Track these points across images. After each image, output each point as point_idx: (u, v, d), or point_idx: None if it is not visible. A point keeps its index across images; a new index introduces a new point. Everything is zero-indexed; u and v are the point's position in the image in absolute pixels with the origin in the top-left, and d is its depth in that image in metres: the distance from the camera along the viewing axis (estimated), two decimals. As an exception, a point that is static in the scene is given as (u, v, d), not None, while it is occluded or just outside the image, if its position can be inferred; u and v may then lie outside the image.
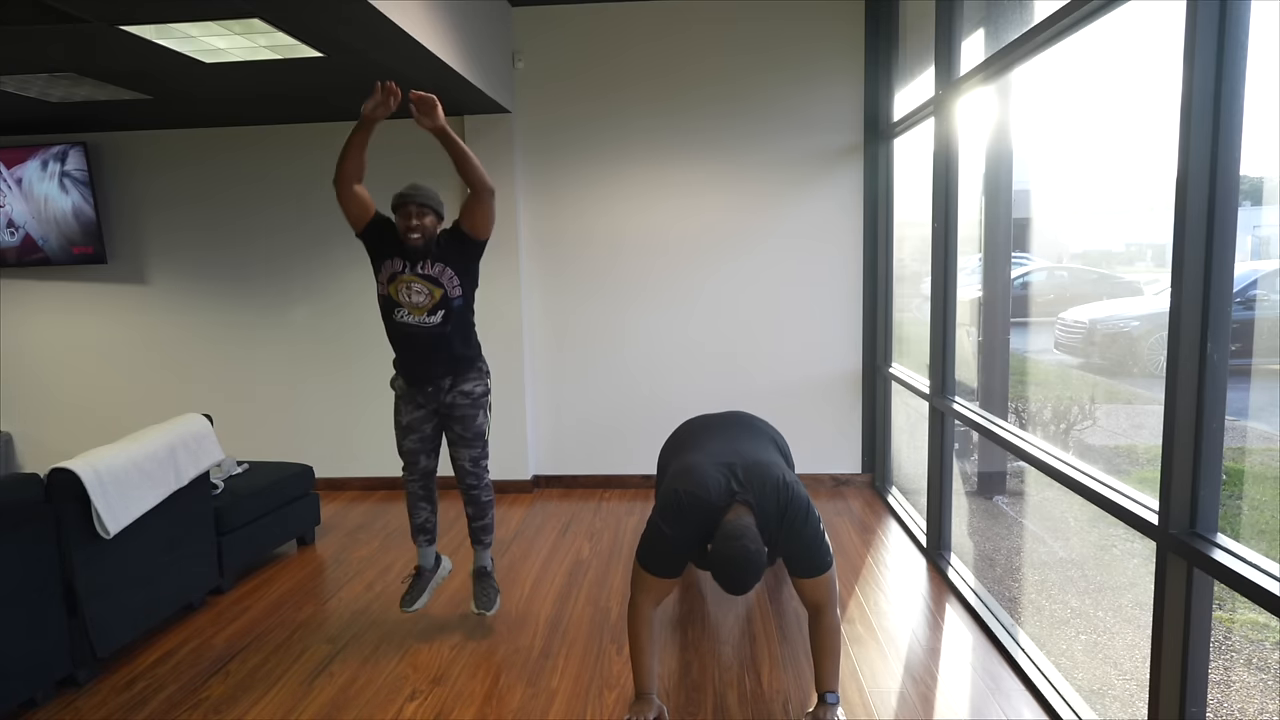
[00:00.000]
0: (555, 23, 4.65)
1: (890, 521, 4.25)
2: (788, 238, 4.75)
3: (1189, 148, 1.77)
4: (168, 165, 5.02)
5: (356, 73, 3.76)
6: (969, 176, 3.61)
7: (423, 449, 3.02)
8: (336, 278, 5.01)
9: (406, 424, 2.99)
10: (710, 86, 4.64)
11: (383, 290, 2.86)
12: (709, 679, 2.73)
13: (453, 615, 3.27)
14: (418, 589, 3.09)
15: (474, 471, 3.02)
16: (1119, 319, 5.63)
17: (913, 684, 2.67)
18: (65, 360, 5.27)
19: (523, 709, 2.59)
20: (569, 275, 4.89)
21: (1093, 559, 3.91)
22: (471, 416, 2.95)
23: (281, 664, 2.93)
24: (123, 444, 3.05)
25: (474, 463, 3.01)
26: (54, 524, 2.71)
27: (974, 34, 3.40)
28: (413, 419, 2.98)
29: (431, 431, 3.01)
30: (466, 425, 2.96)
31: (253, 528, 3.71)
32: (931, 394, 3.60)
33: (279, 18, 2.84)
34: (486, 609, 3.06)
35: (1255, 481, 3.81)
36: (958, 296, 3.52)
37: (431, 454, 3.05)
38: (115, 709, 2.66)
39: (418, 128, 2.77)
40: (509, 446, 4.93)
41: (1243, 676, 2.85)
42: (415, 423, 2.99)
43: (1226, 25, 1.72)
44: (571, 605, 3.35)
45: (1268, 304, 3.90)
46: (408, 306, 2.84)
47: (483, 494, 3.07)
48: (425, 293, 2.83)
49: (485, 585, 3.12)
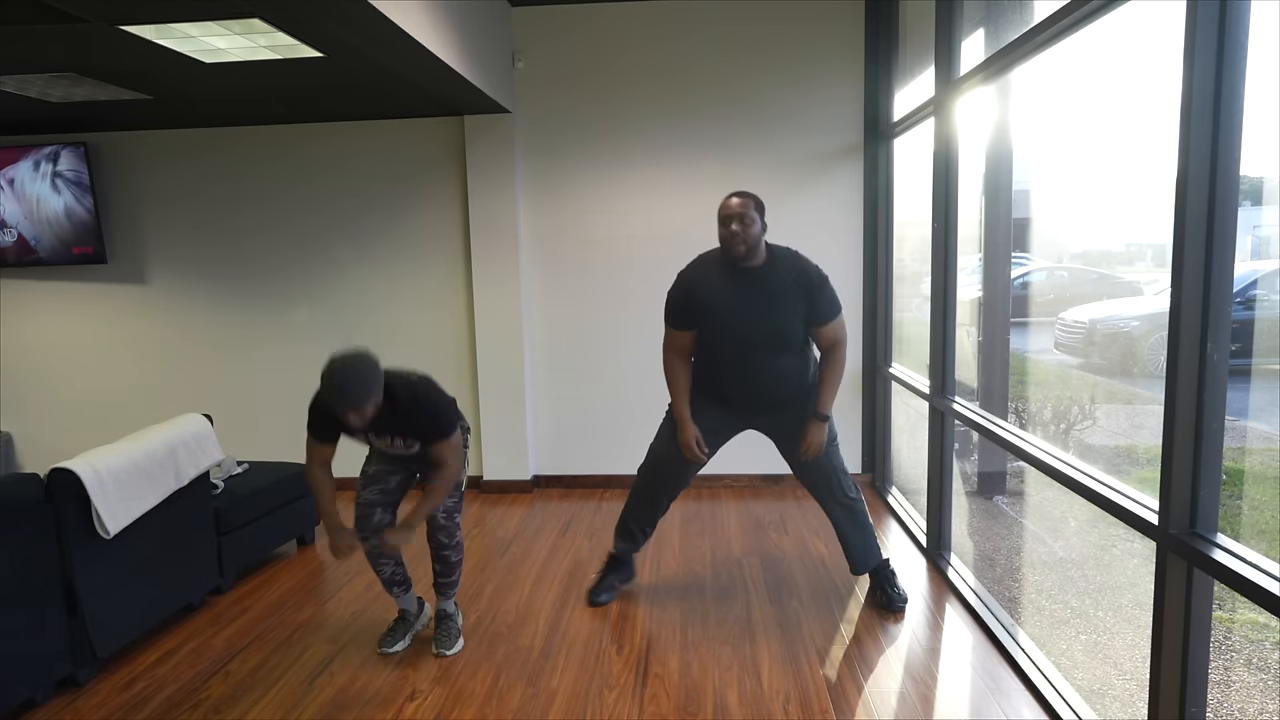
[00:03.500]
0: (555, 23, 4.65)
1: (890, 521, 4.25)
2: (787, 237, 4.69)
3: (1189, 148, 1.77)
4: (168, 165, 5.02)
5: (357, 73, 3.76)
6: (969, 176, 3.61)
7: (382, 502, 2.84)
8: (337, 277, 5.02)
9: (371, 474, 2.84)
10: (710, 86, 4.64)
11: None
12: (709, 679, 2.74)
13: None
14: (400, 632, 2.98)
15: (446, 526, 2.86)
16: (1119, 319, 5.63)
17: (913, 684, 2.67)
18: (65, 360, 5.27)
19: (523, 709, 2.59)
20: (569, 275, 4.89)
21: (1093, 559, 3.91)
22: None
23: (281, 664, 2.93)
24: (123, 444, 3.05)
25: (448, 514, 2.85)
26: (54, 524, 2.71)
27: (974, 34, 3.40)
28: (379, 470, 2.84)
29: (396, 485, 2.86)
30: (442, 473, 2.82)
31: (253, 528, 3.71)
32: (931, 394, 3.60)
33: (279, 18, 2.83)
34: (447, 649, 2.91)
35: (1255, 481, 3.81)
36: (958, 296, 3.52)
37: (389, 509, 2.87)
38: (115, 709, 2.66)
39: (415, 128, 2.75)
40: (509, 446, 4.93)
41: (1243, 676, 2.85)
42: (381, 474, 2.84)
43: (1226, 25, 1.71)
44: (571, 605, 3.35)
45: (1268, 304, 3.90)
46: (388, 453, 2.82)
47: (452, 554, 2.90)
48: (400, 448, 2.76)
49: (447, 626, 2.98)
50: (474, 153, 4.71)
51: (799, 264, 3.03)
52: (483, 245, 4.79)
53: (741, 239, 2.91)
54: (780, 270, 2.99)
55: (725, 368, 3.06)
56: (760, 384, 3.05)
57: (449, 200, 4.90)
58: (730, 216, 2.91)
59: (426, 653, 2.97)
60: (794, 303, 2.96)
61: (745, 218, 2.91)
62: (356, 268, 5.00)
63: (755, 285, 2.97)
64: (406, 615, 3.05)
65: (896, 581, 3.26)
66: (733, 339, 2.99)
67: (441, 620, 3.02)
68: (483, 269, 4.82)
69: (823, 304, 2.99)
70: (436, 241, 4.94)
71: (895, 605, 3.18)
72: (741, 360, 3.02)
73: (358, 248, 4.99)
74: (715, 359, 3.07)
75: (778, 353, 3.01)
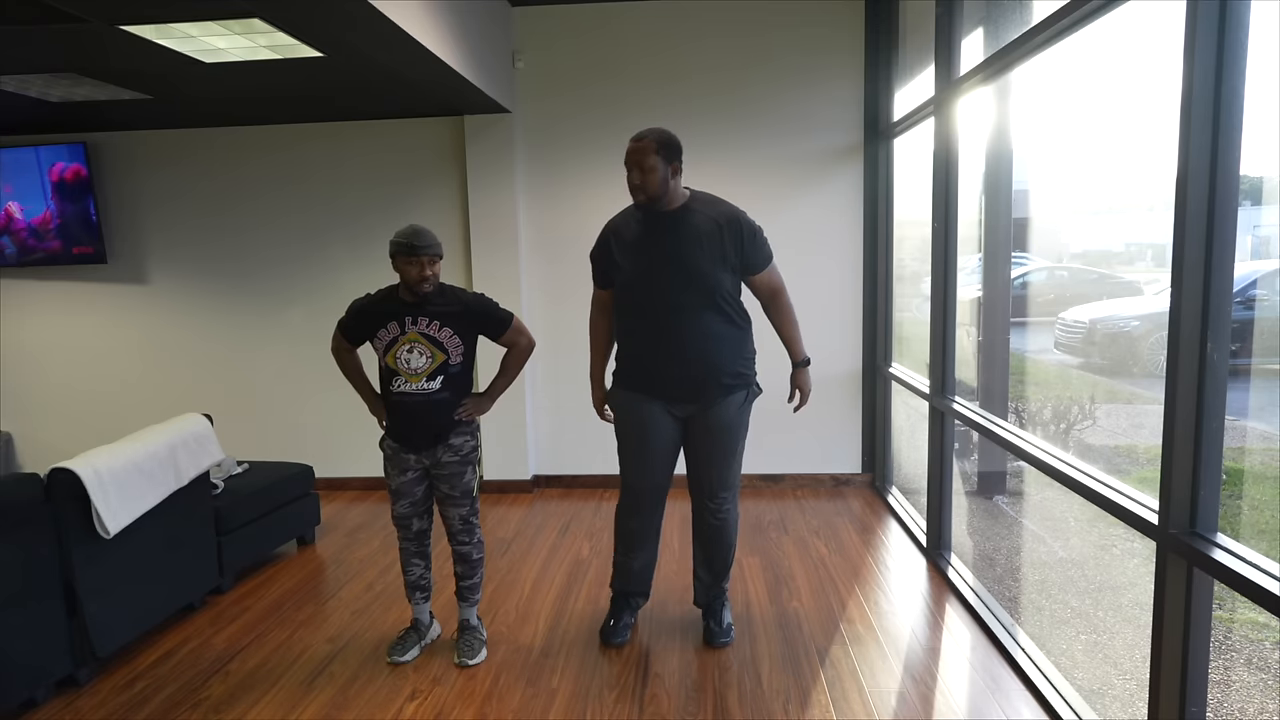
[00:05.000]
0: (555, 23, 4.65)
1: (890, 521, 4.25)
2: (787, 237, 4.73)
3: (1189, 148, 1.77)
4: (168, 165, 5.02)
5: (356, 73, 3.76)
6: (969, 176, 3.61)
7: (415, 512, 2.93)
8: (336, 277, 5.01)
9: (396, 488, 2.89)
10: (710, 86, 4.64)
11: (381, 362, 2.80)
12: (709, 679, 2.73)
13: (452, 615, 3.27)
14: (410, 642, 2.97)
15: (464, 529, 2.92)
16: (1119, 319, 5.63)
17: (913, 684, 2.67)
18: (65, 360, 5.27)
19: (523, 709, 2.59)
20: (569, 275, 4.88)
21: (1093, 559, 3.91)
22: (459, 474, 2.86)
23: (281, 664, 2.93)
24: (123, 444, 3.04)
25: (464, 521, 2.91)
26: (54, 524, 2.71)
27: (974, 34, 3.40)
28: (402, 483, 2.88)
29: (423, 495, 2.92)
30: (454, 484, 2.86)
31: (253, 528, 3.71)
32: (931, 394, 3.60)
33: (279, 18, 2.83)
34: (470, 658, 2.90)
35: (1255, 481, 3.81)
36: (958, 296, 3.52)
37: (424, 516, 2.96)
38: (115, 709, 2.66)
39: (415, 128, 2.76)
40: (509, 446, 4.93)
41: (1243, 676, 2.85)
42: (405, 487, 2.88)
43: (1226, 25, 1.72)
44: (571, 605, 3.35)
45: (1268, 304, 3.90)
46: (405, 374, 2.75)
47: (473, 551, 2.95)
48: (426, 355, 2.74)
49: (470, 637, 2.98)
50: (474, 153, 4.71)
51: (724, 207, 2.73)
52: (483, 245, 4.79)
53: (641, 189, 2.62)
54: (700, 210, 2.69)
55: (644, 332, 2.75)
56: (681, 348, 2.69)
57: (449, 200, 4.90)
58: (629, 166, 2.61)
59: (427, 653, 2.98)
60: (716, 246, 2.65)
61: (644, 165, 2.57)
62: (356, 267, 4.99)
63: (670, 229, 2.68)
64: (419, 625, 3.03)
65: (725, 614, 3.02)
66: (647, 292, 2.70)
67: (464, 630, 2.99)
68: (483, 268, 4.82)
69: (754, 251, 2.71)
70: (436, 241, 4.93)
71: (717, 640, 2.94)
72: (659, 319, 2.69)
73: (357, 247, 4.99)
74: (634, 328, 2.78)
75: (701, 309, 2.66)
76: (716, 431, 2.80)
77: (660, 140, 2.60)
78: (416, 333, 2.73)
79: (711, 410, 2.78)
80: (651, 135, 2.60)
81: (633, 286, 2.75)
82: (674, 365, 2.73)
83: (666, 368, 2.74)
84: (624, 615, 3.05)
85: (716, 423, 2.79)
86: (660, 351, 2.74)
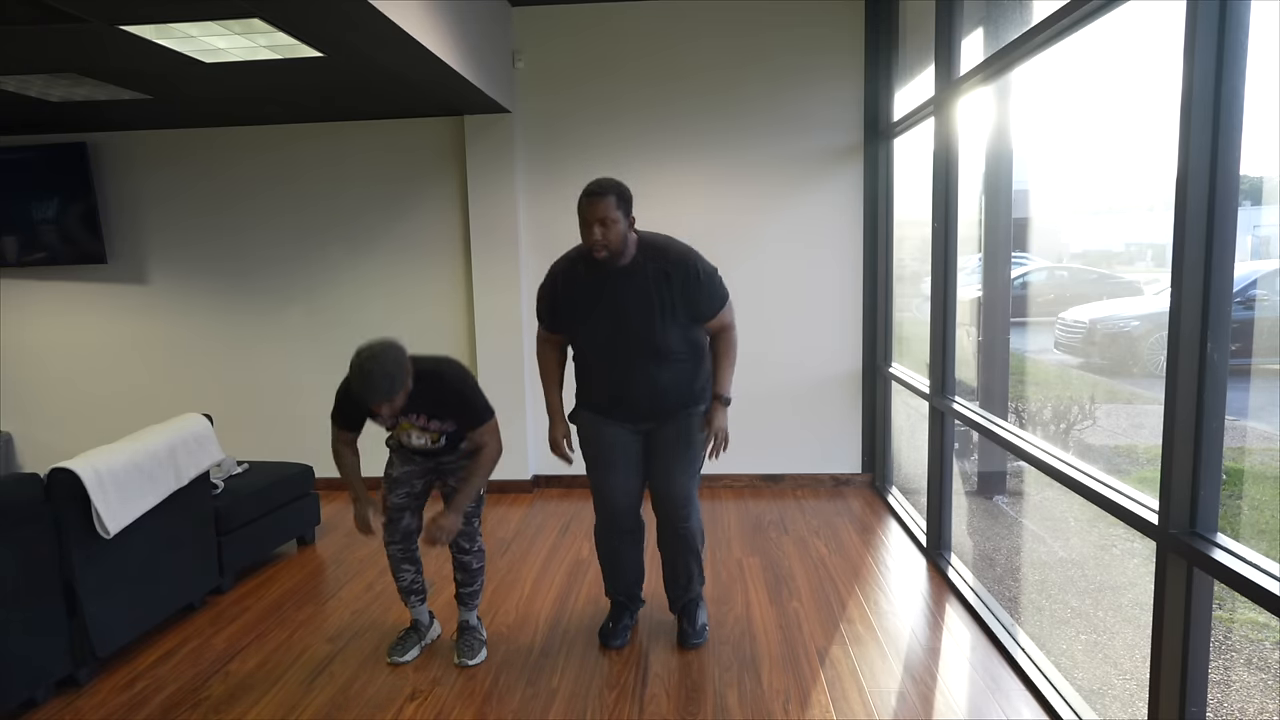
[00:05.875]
0: (555, 23, 4.65)
1: (890, 521, 4.25)
2: (787, 237, 4.75)
3: (1189, 148, 1.77)
4: (167, 165, 5.02)
5: (356, 73, 3.76)
6: (969, 176, 3.61)
7: (409, 505, 2.87)
8: (335, 276, 5.01)
9: (397, 477, 2.85)
10: (710, 85, 4.64)
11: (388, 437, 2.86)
12: (709, 679, 2.74)
13: (452, 615, 3.27)
14: (410, 642, 2.96)
15: (466, 531, 2.85)
16: (1119, 319, 5.63)
17: (913, 684, 2.67)
18: (65, 360, 5.27)
19: (523, 709, 2.59)
20: (569, 275, 4.88)
21: (1093, 559, 3.91)
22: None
23: (281, 664, 2.93)
24: (123, 444, 3.05)
25: (467, 520, 2.84)
26: (54, 524, 2.71)
27: (974, 34, 3.40)
28: (404, 472, 2.85)
29: (422, 488, 2.88)
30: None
31: (253, 528, 3.71)
32: (931, 394, 3.60)
33: (279, 18, 2.83)
34: (470, 659, 2.89)
35: (1255, 481, 3.81)
36: (958, 296, 3.52)
37: (416, 513, 2.90)
38: (115, 709, 2.66)
39: (415, 128, 2.75)
40: (509, 446, 4.88)
41: (1243, 676, 2.85)
42: (406, 476, 2.85)
43: (1226, 25, 1.72)
44: (571, 605, 3.35)
45: (1268, 304, 3.91)
46: (410, 446, 2.82)
47: (474, 560, 2.90)
48: (424, 436, 2.77)
49: (470, 638, 2.96)
50: (474, 153, 4.71)
51: (673, 254, 2.65)
52: (483, 245, 4.79)
53: (603, 244, 2.54)
54: (650, 262, 2.63)
55: (598, 377, 2.80)
56: (637, 395, 2.74)
57: (449, 200, 4.90)
58: (590, 222, 2.53)
59: (427, 653, 2.98)
60: (666, 307, 2.62)
61: (606, 220, 2.51)
62: (356, 267, 5.00)
63: (620, 288, 2.63)
64: (419, 626, 3.03)
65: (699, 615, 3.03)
66: (601, 349, 2.73)
67: (464, 631, 2.98)
68: (483, 269, 4.82)
69: (703, 302, 2.66)
70: (437, 241, 4.94)
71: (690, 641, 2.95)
72: (615, 370, 2.72)
73: (357, 247, 4.99)
74: (589, 367, 2.82)
75: (650, 362, 2.68)
76: (675, 443, 2.80)
77: (619, 193, 2.55)
78: (409, 423, 2.74)
79: (669, 424, 2.80)
80: (610, 189, 2.54)
81: (579, 338, 2.79)
82: (626, 404, 2.78)
83: (621, 403, 2.79)
84: (623, 618, 3.06)
85: (675, 434, 2.80)
86: (614, 390, 2.78)
